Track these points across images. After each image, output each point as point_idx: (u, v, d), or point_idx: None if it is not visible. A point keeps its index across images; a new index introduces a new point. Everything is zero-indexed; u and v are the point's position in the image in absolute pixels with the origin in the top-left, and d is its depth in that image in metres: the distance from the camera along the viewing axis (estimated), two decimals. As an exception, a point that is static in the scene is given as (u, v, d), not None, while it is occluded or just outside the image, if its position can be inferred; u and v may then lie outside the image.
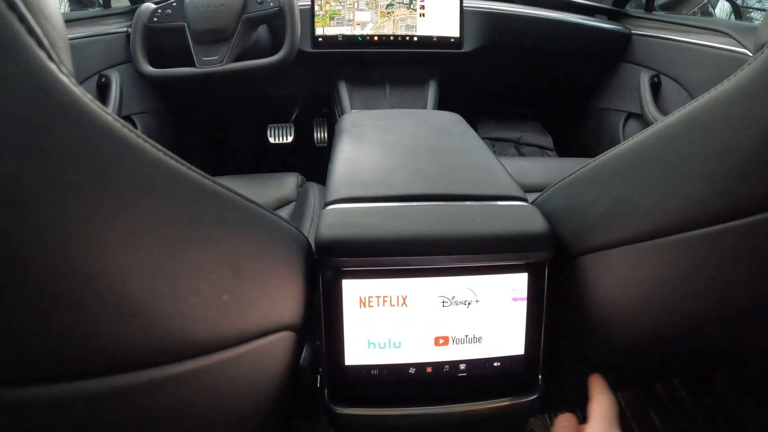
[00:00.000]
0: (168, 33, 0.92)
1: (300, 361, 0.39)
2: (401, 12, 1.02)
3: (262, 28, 1.00)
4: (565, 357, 0.41)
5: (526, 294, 0.36)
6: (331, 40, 1.02)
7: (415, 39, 1.04)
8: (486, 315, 0.36)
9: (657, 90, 1.07)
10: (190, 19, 0.89)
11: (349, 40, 1.03)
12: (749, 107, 0.23)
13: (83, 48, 0.91)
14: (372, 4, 1.01)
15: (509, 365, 0.37)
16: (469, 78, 1.24)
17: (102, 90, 0.93)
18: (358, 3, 1.01)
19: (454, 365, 0.37)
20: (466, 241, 0.34)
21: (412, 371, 0.36)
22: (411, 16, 1.03)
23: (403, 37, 1.03)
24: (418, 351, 0.36)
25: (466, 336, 0.36)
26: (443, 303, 0.35)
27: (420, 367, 0.36)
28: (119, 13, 1.03)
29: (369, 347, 0.35)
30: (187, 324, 0.22)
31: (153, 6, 0.91)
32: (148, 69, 0.90)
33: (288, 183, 0.85)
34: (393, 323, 0.35)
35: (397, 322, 0.35)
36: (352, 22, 1.02)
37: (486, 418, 0.38)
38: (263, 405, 0.32)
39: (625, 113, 1.15)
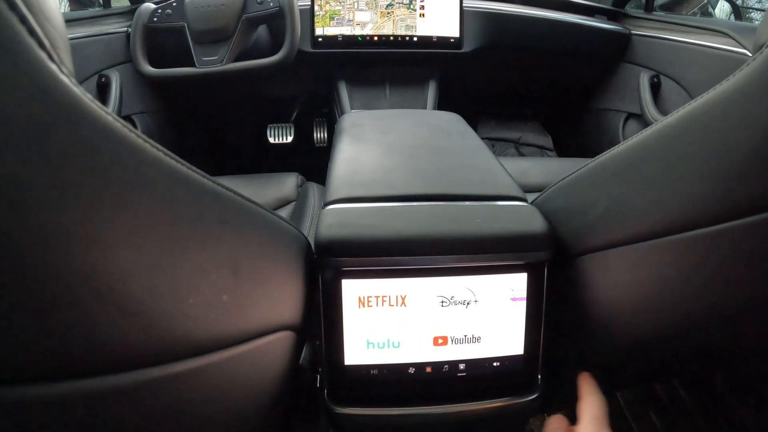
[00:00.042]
0: (168, 33, 0.92)
1: (300, 361, 0.39)
2: (401, 12, 1.02)
3: (262, 28, 1.00)
4: (564, 357, 0.41)
5: (525, 294, 0.36)
6: (330, 40, 1.02)
7: (414, 39, 1.04)
8: (485, 315, 0.36)
9: (657, 90, 1.07)
10: (190, 19, 0.89)
11: (349, 40, 1.03)
12: (748, 107, 0.23)
13: (83, 48, 0.91)
14: (372, 4, 1.01)
15: (509, 365, 0.37)
16: (468, 78, 1.24)
17: (102, 90, 0.93)
18: (358, 3, 1.01)
19: (454, 365, 0.37)
20: (466, 241, 0.34)
21: (412, 371, 0.36)
22: (411, 16, 1.03)
23: (403, 37, 1.03)
24: (417, 351, 0.36)
25: (465, 336, 0.36)
26: (442, 303, 0.35)
27: (419, 366, 0.36)
28: (119, 13, 1.03)
29: (368, 347, 0.35)
30: (187, 324, 0.22)
31: (153, 6, 0.91)
32: (148, 69, 0.90)
33: (288, 183, 0.85)
34: (392, 323, 0.35)
35: (396, 322, 0.35)
36: (352, 22, 1.02)
37: (485, 417, 0.38)
38: (263, 405, 0.32)
39: (625, 113, 1.15)
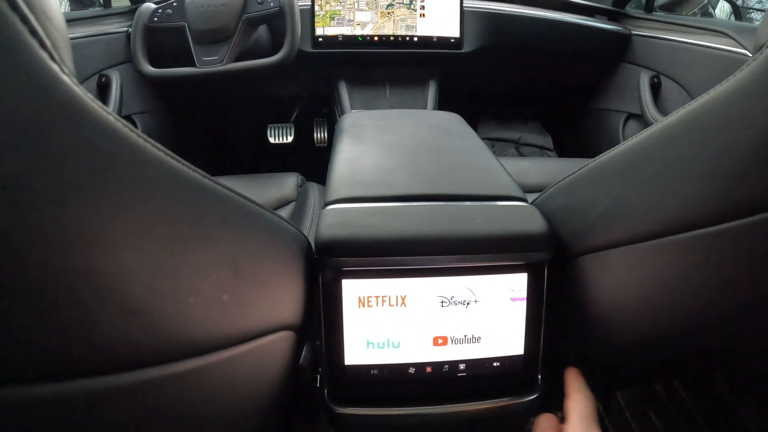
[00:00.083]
0: (168, 33, 0.92)
1: (300, 361, 0.39)
2: (401, 12, 1.02)
3: (263, 28, 1.01)
4: (564, 357, 0.41)
5: (525, 294, 0.36)
6: (331, 40, 1.02)
7: (415, 39, 1.04)
8: (485, 315, 0.36)
9: (657, 90, 1.07)
10: (191, 19, 0.89)
11: (350, 40, 1.03)
12: (749, 107, 0.23)
13: (83, 48, 0.91)
14: (372, 5, 1.01)
15: (509, 365, 0.37)
16: (469, 78, 1.24)
17: (102, 90, 0.93)
18: (358, 3, 1.01)
19: (454, 365, 0.37)
20: (466, 241, 0.34)
21: (412, 371, 0.36)
22: (411, 16, 1.03)
23: (403, 37, 1.03)
24: (417, 351, 0.36)
25: (465, 336, 0.36)
26: (442, 303, 0.35)
27: (419, 367, 0.36)
28: (119, 12, 1.03)
29: (368, 347, 0.35)
30: (187, 323, 0.22)
31: (153, 6, 0.91)
32: (149, 69, 0.90)
33: (288, 183, 0.85)
34: (392, 323, 0.35)
35: (396, 322, 0.35)
36: (352, 22, 1.02)
37: (485, 417, 0.38)
38: (263, 404, 0.32)
39: (625, 114, 1.15)
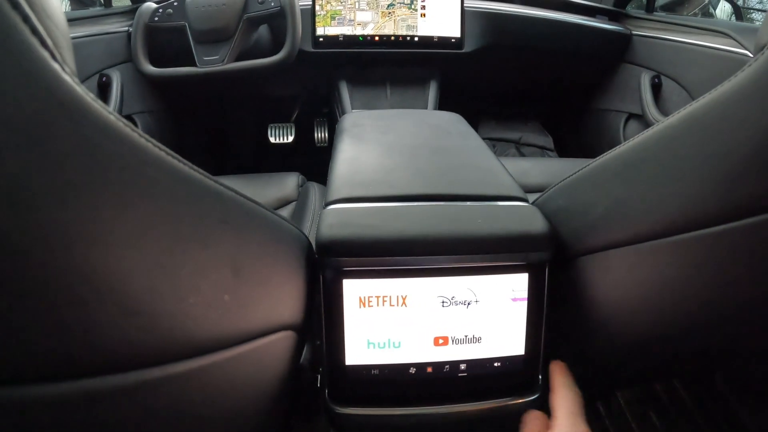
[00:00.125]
0: (169, 32, 0.92)
1: (300, 361, 0.39)
2: (402, 12, 1.02)
3: (263, 27, 1.00)
4: (565, 357, 0.41)
5: (526, 294, 0.36)
6: (331, 40, 1.02)
7: (415, 39, 1.04)
8: (486, 315, 0.36)
9: (658, 91, 1.07)
10: (191, 19, 0.89)
11: (350, 40, 1.03)
12: (750, 108, 0.23)
13: (84, 47, 0.91)
14: (373, 4, 1.01)
15: (509, 365, 0.37)
16: (469, 78, 1.24)
17: (103, 89, 0.93)
18: (359, 3, 1.01)
19: (455, 365, 0.37)
20: (467, 241, 0.34)
21: (412, 371, 0.36)
22: (412, 16, 1.03)
23: (404, 37, 1.03)
24: (417, 351, 0.36)
25: (466, 336, 0.36)
26: (443, 303, 0.35)
27: (420, 367, 0.36)
28: (120, 12, 1.03)
29: (369, 347, 0.35)
30: (187, 323, 0.22)
31: (154, 5, 0.91)
32: (149, 68, 0.90)
33: (288, 183, 0.85)
34: (393, 323, 0.35)
35: (396, 322, 0.35)
36: (353, 22, 1.02)
37: (486, 418, 0.38)
38: (263, 405, 0.32)
39: (626, 114, 1.15)
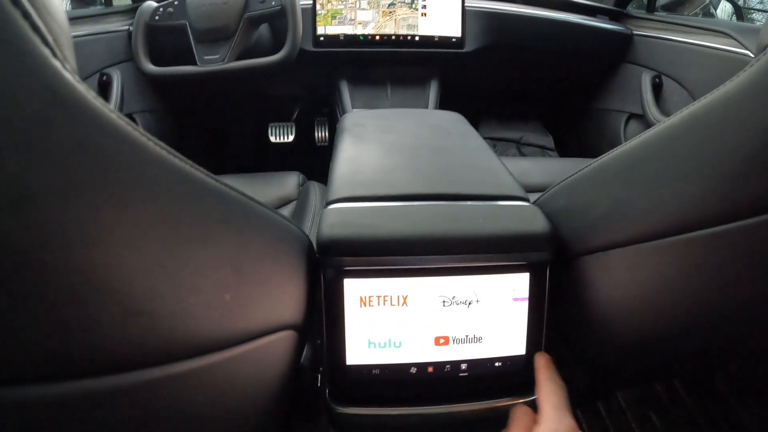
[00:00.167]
0: (169, 31, 0.92)
1: (301, 361, 0.39)
2: (403, 11, 1.02)
3: (264, 27, 1.00)
4: (565, 357, 0.41)
5: (527, 294, 0.36)
6: (332, 40, 1.02)
7: (416, 38, 1.03)
8: (486, 315, 0.36)
9: (658, 91, 1.07)
10: (192, 18, 0.89)
11: (351, 40, 1.03)
12: (751, 109, 0.23)
13: (85, 46, 0.91)
14: (374, 4, 1.01)
15: (510, 365, 0.37)
16: (470, 78, 1.24)
17: (103, 88, 0.93)
18: (359, 2, 1.01)
19: (455, 365, 0.37)
20: (468, 241, 0.34)
21: (413, 371, 0.36)
22: (413, 15, 1.03)
23: (405, 36, 1.03)
24: (418, 351, 0.36)
25: (467, 336, 0.36)
26: (443, 303, 0.35)
27: (421, 366, 0.36)
28: (121, 11, 1.03)
29: (370, 347, 0.35)
30: (188, 323, 0.22)
31: (155, 4, 0.91)
32: (150, 67, 0.90)
33: (289, 182, 0.85)
34: (393, 323, 0.35)
35: (397, 321, 0.35)
36: (353, 22, 1.02)
37: (487, 418, 0.38)
38: (264, 404, 0.32)
39: (627, 114, 1.15)
